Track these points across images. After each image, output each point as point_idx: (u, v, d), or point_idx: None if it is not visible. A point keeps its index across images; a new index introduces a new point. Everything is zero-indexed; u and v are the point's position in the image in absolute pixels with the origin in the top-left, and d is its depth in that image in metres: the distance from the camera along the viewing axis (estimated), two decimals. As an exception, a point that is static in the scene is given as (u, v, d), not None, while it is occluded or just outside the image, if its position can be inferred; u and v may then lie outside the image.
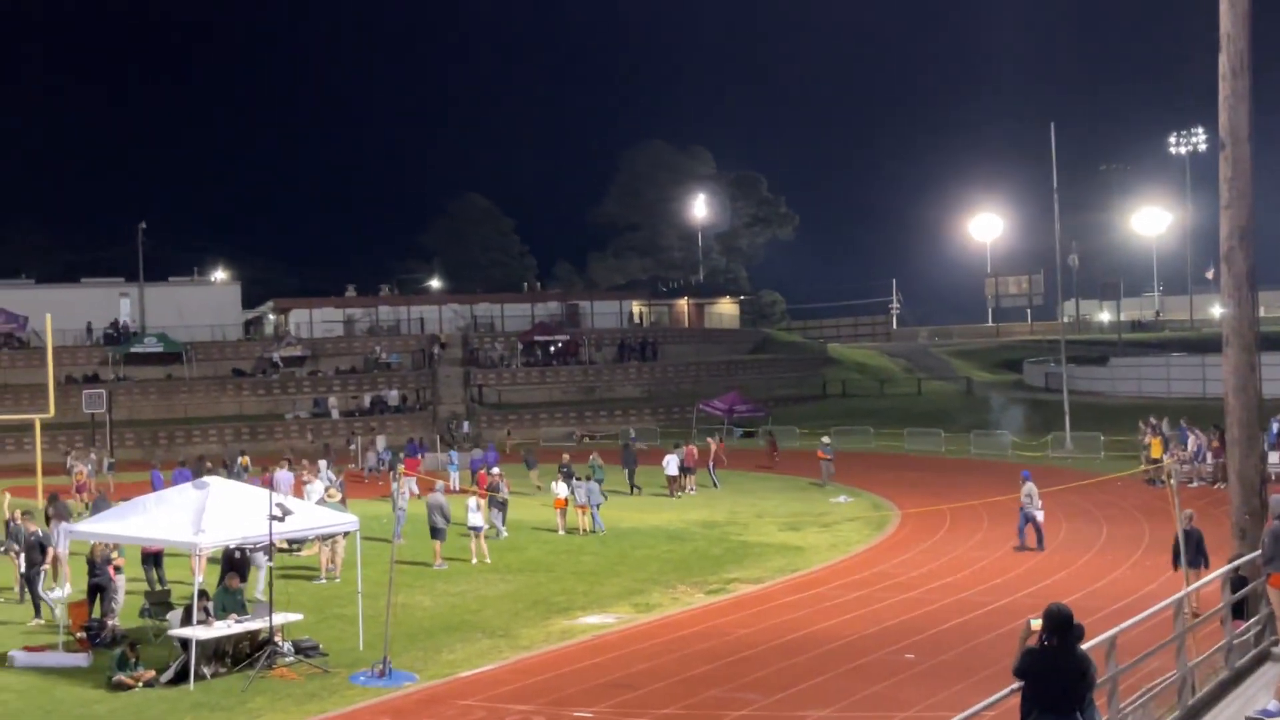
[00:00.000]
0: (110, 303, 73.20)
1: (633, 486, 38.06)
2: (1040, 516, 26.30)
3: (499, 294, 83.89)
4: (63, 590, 21.99)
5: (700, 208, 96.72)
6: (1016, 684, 9.43)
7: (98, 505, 27.41)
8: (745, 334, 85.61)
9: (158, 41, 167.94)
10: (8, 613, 22.22)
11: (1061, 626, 9.30)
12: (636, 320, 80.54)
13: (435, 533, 26.25)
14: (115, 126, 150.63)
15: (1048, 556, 25.34)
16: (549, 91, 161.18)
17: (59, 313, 48.46)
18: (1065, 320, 69.53)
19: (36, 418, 39.94)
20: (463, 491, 32.81)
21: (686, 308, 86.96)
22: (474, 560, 26.31)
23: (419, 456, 42.91)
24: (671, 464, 37.57)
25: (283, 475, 31.85)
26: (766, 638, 19.08)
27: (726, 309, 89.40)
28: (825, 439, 40.58)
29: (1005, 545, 26.57)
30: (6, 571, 23.49)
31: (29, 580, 21.96)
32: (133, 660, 17.07)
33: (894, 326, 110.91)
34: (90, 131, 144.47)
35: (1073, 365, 61.14)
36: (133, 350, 66.58)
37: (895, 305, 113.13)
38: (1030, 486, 26.33)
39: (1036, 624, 9.48)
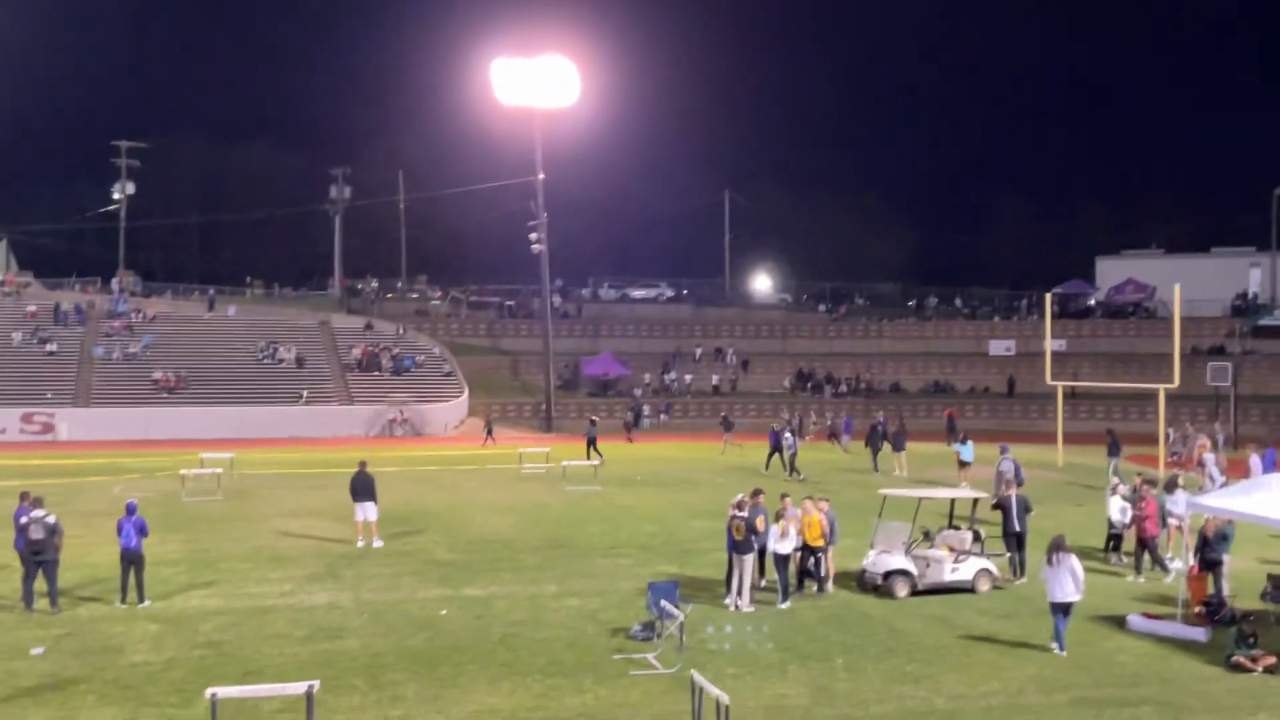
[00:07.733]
0: (1239, 273, 71.98)
1: None
2: None
3: None
4: (1184, 562, 21.97)
5: None
6: None
7: None
8: None
9: None
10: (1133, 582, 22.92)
11: None
12: None
13: None
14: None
15: None
16: None
17: (1187, 282, 48.42)
18: None
19: (1161, 387, 40.55)
20: None
21: None
22: None
23: None
24: None
25: None
26: None
27: None
28: None
29: None
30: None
31: (1147, 546, 22.53)
32: (1251, 641, 16.39)
33: None
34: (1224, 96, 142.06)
35: None
36: (1260, 323, 64.62)
37: None
38: None
39: None
